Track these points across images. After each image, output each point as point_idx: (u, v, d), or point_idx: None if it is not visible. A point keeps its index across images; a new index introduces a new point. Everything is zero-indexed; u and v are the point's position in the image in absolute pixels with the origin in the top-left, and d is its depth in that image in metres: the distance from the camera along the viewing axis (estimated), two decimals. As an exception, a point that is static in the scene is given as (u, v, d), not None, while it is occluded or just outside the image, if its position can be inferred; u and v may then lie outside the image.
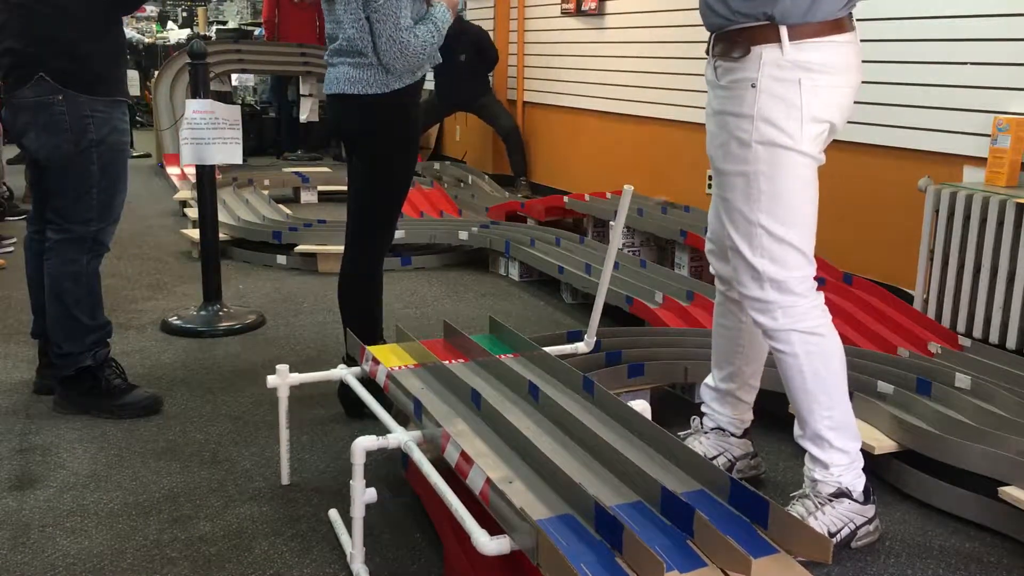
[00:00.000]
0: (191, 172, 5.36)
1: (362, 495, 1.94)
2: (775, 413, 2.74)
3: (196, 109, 3.66)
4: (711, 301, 2.65)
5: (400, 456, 2.43)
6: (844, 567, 2.12)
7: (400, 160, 2.78)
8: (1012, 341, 3.28)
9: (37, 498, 2.40)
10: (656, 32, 5.62)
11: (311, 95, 8.15)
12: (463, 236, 4.91)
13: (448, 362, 2.39)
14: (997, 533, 2.26)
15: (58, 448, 2.70)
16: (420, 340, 2.53)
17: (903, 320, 3.28)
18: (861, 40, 2.11)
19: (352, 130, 2.80)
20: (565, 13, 6.57)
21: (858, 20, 2.11)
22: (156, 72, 8.71)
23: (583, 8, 6.32)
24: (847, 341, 2.74)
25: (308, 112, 8.21)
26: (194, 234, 4.76)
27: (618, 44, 6.03)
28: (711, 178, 2.49)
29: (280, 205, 5.68)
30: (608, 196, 5.23)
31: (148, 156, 8.96)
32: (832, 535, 2.12)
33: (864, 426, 2.46)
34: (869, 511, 2.18)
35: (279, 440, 2.47)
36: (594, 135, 6.43)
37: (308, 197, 6.77)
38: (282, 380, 2.42)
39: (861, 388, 2.65)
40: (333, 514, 2.31)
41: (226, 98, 7.57)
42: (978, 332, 3.39)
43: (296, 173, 6.95)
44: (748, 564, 1.45)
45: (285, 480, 2.49)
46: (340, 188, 6.56)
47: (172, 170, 7.32)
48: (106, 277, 3.12)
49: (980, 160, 3.59)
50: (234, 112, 3.78)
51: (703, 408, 2.54)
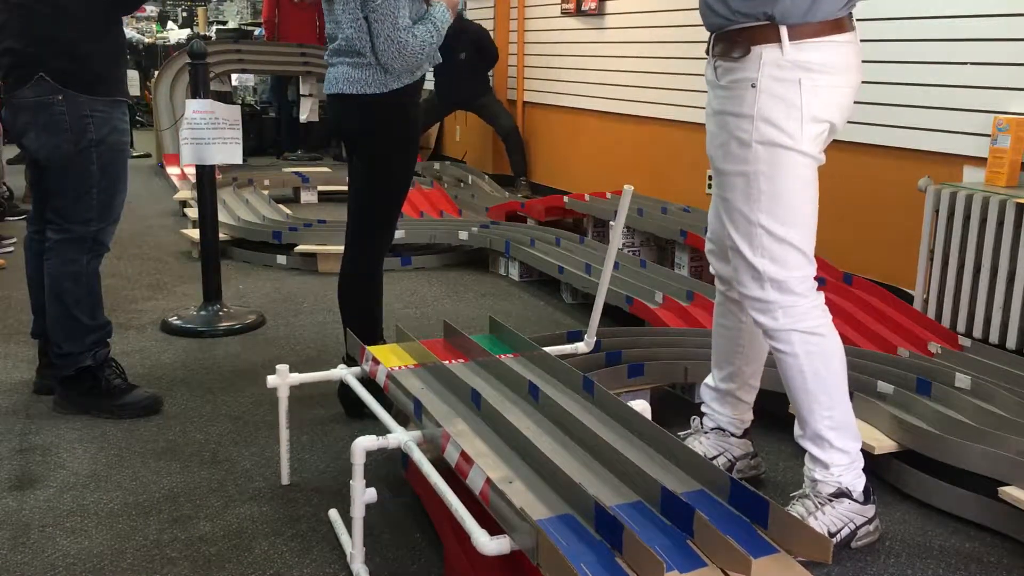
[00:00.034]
0: (191, 172, 5.36)
1: (362, 495, 1.94)
2: (775, 413, 2.75)
3: (196, 109, 3.66)
4: (711, 301, 2.65)
5: (400, 456, 2.43)
6: (844, 567, 2.12)
7: (400, 160, 2.78)
8: (1012, 341, 3.28)
9: (37, 498, 2.40)
10: (656, 32, 5.62)
11: (311, 95, 8.15)
12: (463, 236, 4.91)
13: (448, 362, 2.39)
14: (997, 533, 2.26)
15: (58, 448, 2.70)
16: (420, 340, 2.53)
17: (903, 320, 3.28)
18: (861, 40, 2.11)
19: (351, 130, 2.80)
20: (565, 13, 6.57)
21: (858, 20, 2.11)
22: (156, 72, 8.71)
23: (583, 8, 6.32)
24: (847, 341, 2.74)
25: (308, 112, 8.21)
26: (194, 234, 4.76)
27: (618, 44, 6.03)
28: (711, 178, 2.49)
29: (280, 205, 5.68)
30: (608, 196, 5.22)
31: (148, 156, 8.96)
32: (832, 535, 2.12)
33: (864, 426, 2.46)
34: (869, 511, 2.18)
35: (279, 440, 2.47)
36: (594, 135, 6.43)
37: (308, 197, 6.77)
38: (282, 380, 2.42)
39: (861, 388, 2.65)
40: (333, 514, 2.31)
41: (226, 98, 7.57)
42: (978, 332, 3.39)
43: (296, 173, 6.95)
44: (748, 564, 1.45)
45: (285, 480, 2.49)
46: (340, 188, 6.56)
47: (172, 170, 7.32)
48: (106, 277, 3.12)
49: (980, 160, 3.59)
50: (234, 112, 3.78)
51: (703, 408, 2.54)
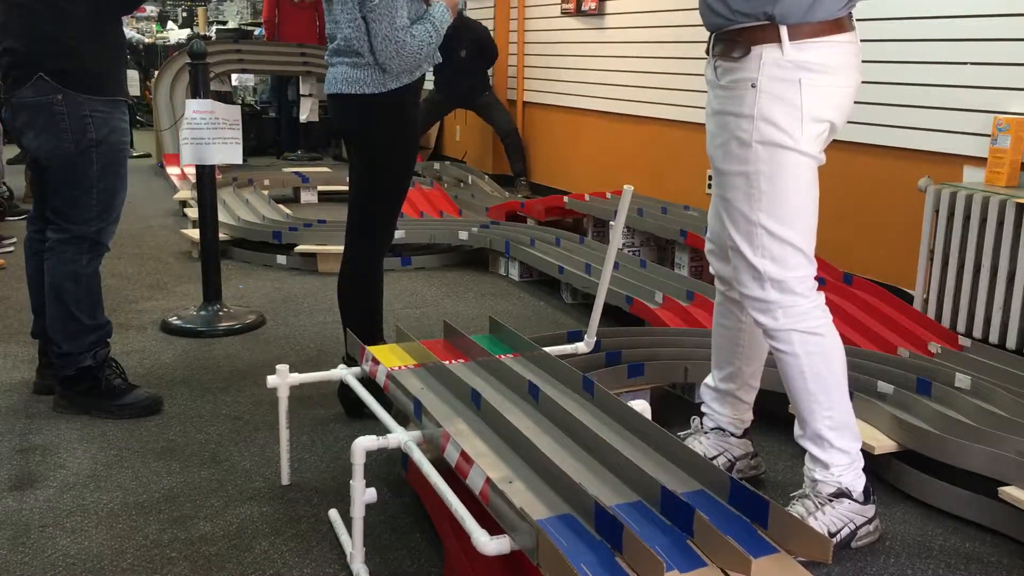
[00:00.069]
0: (191, 172, 5.36)
1: (362, 495, 1.94)
2: (775, 413, 2.75)
3: (196, 109, 3.66)
4: (711, 301, 2.65)
5: (400, 456, 2.43)
6: (844, 567, 2.12)
7: (399, 160, 2.78)
8: (1012, 341, 3.28)
9: (37, 498, 2.40)
10: (656, 32, 5.62)
11: (311, 95, 8.15)
12: (463, 236, 4.91)
13: (448, 362, 2.39)
14: (997, 533, 2.26)
15: (58, 448, 2.70)
16: (420, 340, 2.53)
17: (903, 320, 3.28)
18: (861, 40, 2.11)
19: (351, 130, 2.80)
20: (565, 13, 6.57)
21: (858, 20, 2.11)
22: (156, 72, 8.72)
23: (583, 8, 6.32)
24: (847, 341, 2.74)
25: (308, 112, 8.21)
26: (194, 234, 4.76)
27: (618, 44, 6.03)
28: (711, 178, 2.49)
29: (280, 205, 5.68)
30: (608, 196, 5.22)
31: (148, 156, 8.96)
32: (832, 535, 2.12)
33: (864, 426, 2.46)
34: (869, 511, 2.18)
35: (279, 440, 2.47)
36: (594, 135, 6.42)
37: (308, 197, 6.77)
38: (282, 380, 2.42)
39: (861, 388, 2.65)
40: (333, 514, 2.31)
41: (226, 98, 7.57)
42: (978, 332, 3.39)
43: (296, 173, 6.95)
44: (748, 564, 1.45)
45: (285, 480, 2.49)
46: (340, 188, 6.57)
47: (172, 170, 7.33)
48: (106, 277, 3.12)
49: (980, 160, 3.59)
50: (234, 112, 3.78)
51: (703, 408, 2.54)
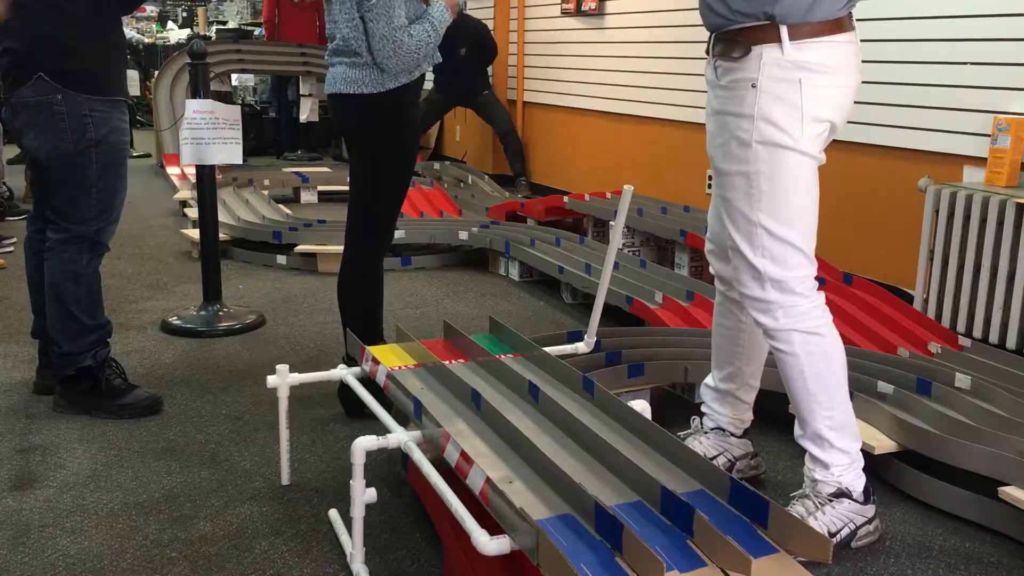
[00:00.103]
0: (191, 172, 5.36)
1: (362, 495, 1.94)
2: (775, 413, 2.75)
3: (196, 109, 3.66)
4: (711, 301, 2.65)
5: (400, 456, 2.43)
6: (844, 567, 2.12)
7: (399, 160, 2.78)
8: (1012, 341, 3.28)
9: (37, 498, 2.40)
10: (656, 32, 5.62)
11: (311, 95, 8.15)
12: (463, 236, 4.91)
13: (448, 362, 2.39)
14: (997, 533, 2.26)
15: (58, 448, 2.70)
16: (420, 340, 2.53)
17: (903, 320, 3.28)
18: (861, 40, 2.11)
19: (350, 130, 2.80)
20: (565, 13, 6.57)
21: (858, 20, 2.11)
22: (156, 72, 8.72)
23: (583, 8, 6.32)
24: (847, 341, 2.74)
25: (308, 112, 8.21)
26: (194, 234, 4.76)
27: (618, 44, 6.03)
28: (711, 178, 2.49)
29: (280, 205, 5.68)
30: (608, 196, 5.22)
31: (148, 156, 8.96)
32: (832, 535, 2.12)
33: (864, 426, 2.46)
34: (869, 511, 2.18)
35: (279, 440, 2.47)
36: (594, 135, 6.42)
37: (308, 197, 6.77)
38: (282, 380, 2.42)
39: (861, 388, 2.65)
40: (333, 514, 2.31)
41: (226, 98, 7.57)
42: (978, 332, 3.39)
43: (296, 173, 6.95)
44: (748, 564, 1.45)
45: (285, 480, 2.49)
46: (340, 188, 6.57)
47: (172, 170, 7.33)
48: (106, 277, 3.12)
49: (980, 160, 3.59)
50: (234, 112, 3.78)
51: (703, 408, 2.54)
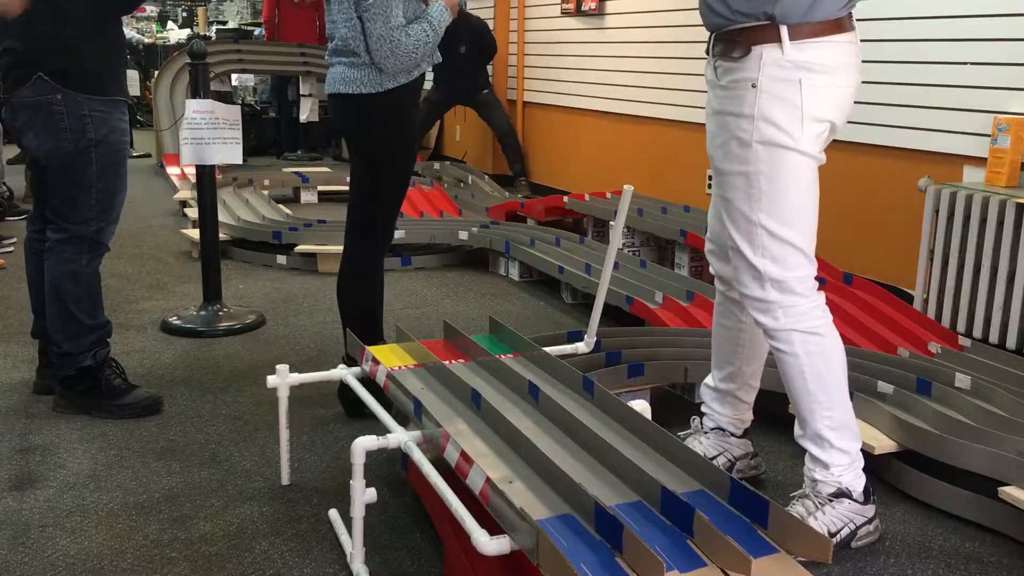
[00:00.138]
0: (191, 172, 5.36)
1: (362, 495, 1.94)
2: (775, 413, 2.75)
3: (196, 109, 3.66)
4: (711, 301, 2.65)
5: (400, 456, 2.43)
6: (844, 567, 2.12)
7: (399, 160, 2.78)
8: (1012, 341, 3.28)
9: (37, 498, 2.40)
10: (656, 32, 5.62)
11: (311, 95, 8.15)
12: (463, 236, 4.91)
13: (448, 362, 2.39)
14: (997, 533, 2.26)
15: (58, 448, 2.70)
16: (420, 340, 2.53)
17: (903, 320, 3.28)
18: (861, 40, 2.11)
19: (349, 130, 2.80)
20: (565, 13, 6.57)
21: (858, 20, 2.11)
22: (156, 72, 8.72)
23: (583, 8, 6.32)
24: (847, 341, 2.74)
25: (308, 112, 8.21)
26: (194, 234, 4.76)
27: (618, 44, 6.03)
28: (711, 178, 2.49)
29: (280, 205, 5.68)
30: (608, 196, 5.22)
31: (148, 156, 8.96)
32: (832, 535, 2.12)
33: (864, 426, 2.46)
34: (869, 511, 2.18)
35: (279, 440, 2.47)
36: (594, 135, 6.42)
37: (308, 197, 6.77)
38: (282, 380, 2.42)
39: (861, 388, 2.65)
40: (333, 514, 2.31)
41: (226, 98, 7.57)
42: (978, 332, 3.39)
43: (296, 173, 6.95)
44: (748, 564, 1.45)
45: (285, 480, 2.49)
46: (340, 188, 6.57)
47: (172, 170, 7.33)
48: (106, 277, 3.12)
49: (980, 160, 3.59)
50: (234, 112, 3.78)
51: (703, 408, 2.54)
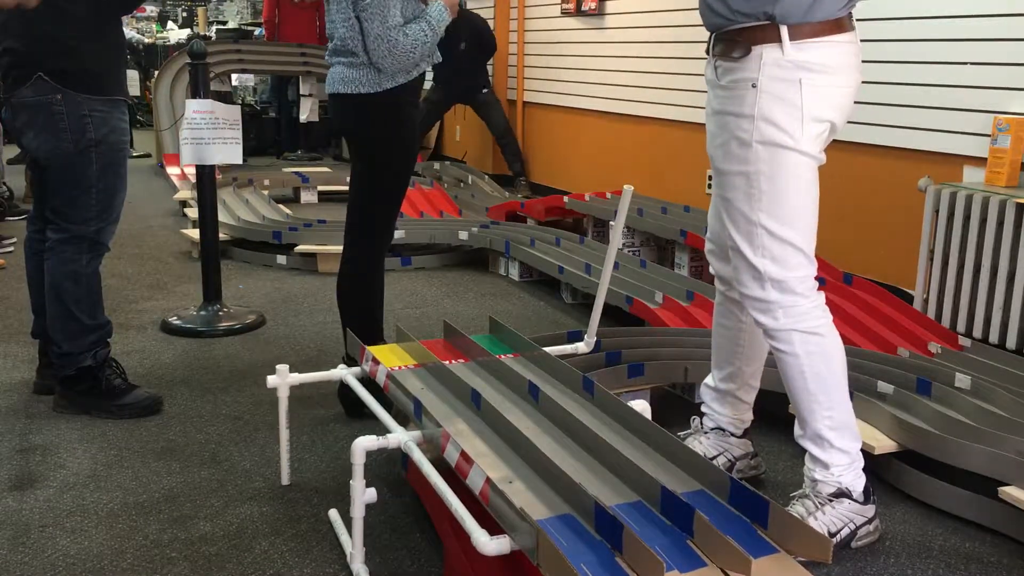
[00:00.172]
0: (191, 172, 5.36)
1: (362, 495, 1.94)
2: (775, 413, 2.75)
3: (196, 109, 3.66)
4: (711, 301, 2.65)
5: (400, 456, 2.43)
6: (844, 567, 2.12)
7: (398, 160, 2.78)
8: (1012, 341, 3.28)
9: (37, 498, 2.40)
10: (656, 32, 5.62)
11: (311, 95, 8.16)
12: (463, 236, 4.91)
13: (448, 362, 2.39)
14: (997, 533, 2.26)
15: (58, 448, 2.70)
16: (420, 340, 2.53)
17: (903, 320, 3.28)
18: (861, 40, 2.11)
19: (349, 130, 2.80)
20: (565, 13, 6.57)
21: (858, 20, 2.11)
22: (156, 72, 8.72)
23: (583, 8, 6.32)
24: (847, 341, 2.74)
25: (308, 112, 8.21)
26: (194, 234, 4.76)
27: (618, 44, 6.03)
28: (711, 178, 2.49)
29: (280, 205, 5.68)
30: (608, 196, 5.22)
31: (148, 156, 8.96)
32: (832, 535, 2.12)
33: (864, 426, 2.46)
34: (869, 511, 2.18)
35: (279, 440, 2.47)
36: (594, 135, 6.42)
37: (308, 197, 6.77)
38: (282, 380, 2.42)
39: (861, 388, 2.65)
40: (333, 514, 2.31)
41: (226, 98, 7.57)
42: (978, 332, 3.39)
43: (296, 173, 6.95)
44: (748, 564, 1.45)
45: (285, 480, 2.49)
46: (340, 188, 6.57)
47: (172, 170, 7.33)
48: (106, 277, 3.12)
49: (980, 160, 3.59)
50: (234, 112, 3.78)
51: (703, 408, 2.54)
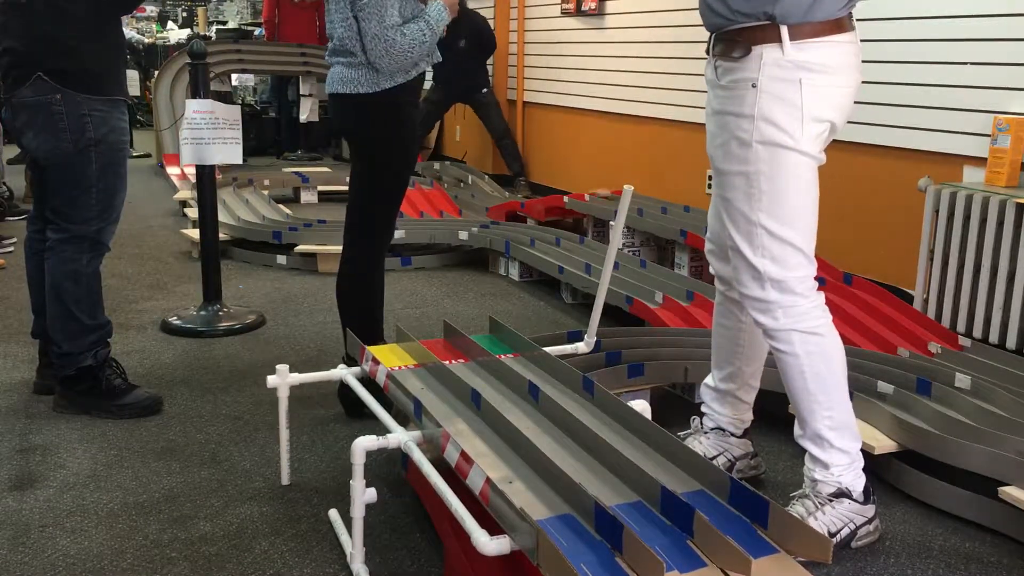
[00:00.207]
0: (191, 172, 5.36)
1: (362, 495, 1.94)
2: (775, 413, 2.75)
3: (196, 109, 3.66)
4: (711, 301, 2.65)
5: (400, 456, 2.43)
6: (844, 567, 2.12)
7: (396, 160, 2.77)
8: (1012, 341, 3.28)
9: (37, 498, 2.40)
10: (656, 32, 5.62)
11: (311, 95, 8.16)
12: (463, 236, 4.91)
13: (448, 362, 2.39)
14: (997, 533, 2.26)
15: (58, 448, 2.70)
16: (420, 340, 2.53)
17: (903, 320, 3.28)
18: (861, 40, 2.11)
19: (348, 129, 2.80)
20: (565, 13, 6.57)
21: (858, 20, 2.11)
22: (156, 72, 8.72)
23: (583, 8, 6.32)
24: (847, 341, 2.74)
25: (308, 112, 8.21)
26: (194, 234, 4.76)
27: (618, 44, 6.03)
28: (711, 178, 2.49)
29: (280, 205, 5.68)
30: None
31: (148, 156, 8.96)
32: (832, 535, 2.12)
33: (864, 426, 2.46)
34: (869, 511, 2.18)
35: (279, 440, 2.47)
36: (594, 135, 6.42)
37: (308, 197, 6.77)
38: (282, 380, 2.42)
39: (861, 388, 2.65)
40: (333, 514, 2.31)
41: (226, 98, 7.57)
42: (978, 332, 3.39)
43: (296, 173, 6.95)
44: (748, 564, 1.45)
45: (285, 480, 2.49)
46: (340, 188, 6.57)
47: (172, 170, 7.33)
48: (106, 277, 3.12)
49: (980, 160, 3.59)
50: (234, 112, 3.78)
51: (703, 408, 2.54)
